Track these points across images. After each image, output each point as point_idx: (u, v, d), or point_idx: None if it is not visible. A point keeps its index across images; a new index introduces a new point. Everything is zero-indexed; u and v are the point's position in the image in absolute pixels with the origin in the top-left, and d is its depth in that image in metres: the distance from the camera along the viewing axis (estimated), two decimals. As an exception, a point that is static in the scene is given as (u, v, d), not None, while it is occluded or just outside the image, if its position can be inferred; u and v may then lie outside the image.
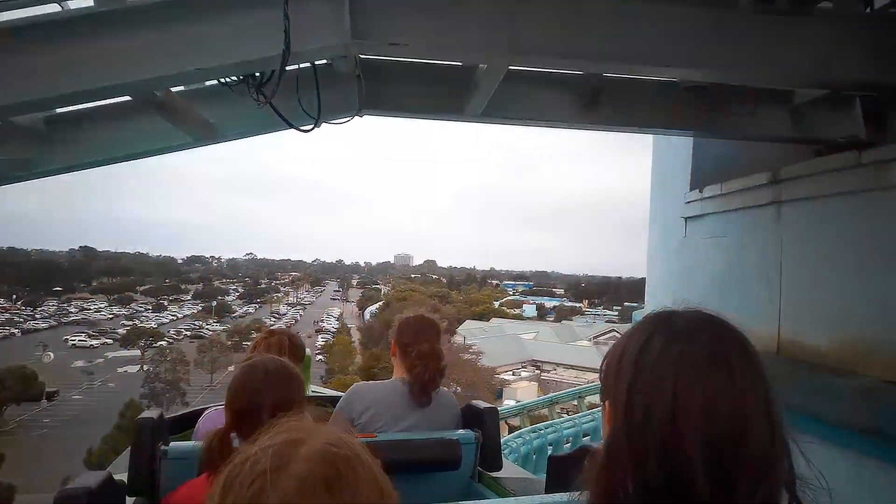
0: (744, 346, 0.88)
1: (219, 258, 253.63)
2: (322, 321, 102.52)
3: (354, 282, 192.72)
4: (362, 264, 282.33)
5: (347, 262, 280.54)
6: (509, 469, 2.84)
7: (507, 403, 48.37)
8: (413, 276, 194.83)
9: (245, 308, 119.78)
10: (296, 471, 0.70)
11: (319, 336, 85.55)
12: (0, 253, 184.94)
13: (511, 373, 56.63)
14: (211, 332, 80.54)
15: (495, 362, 54.40)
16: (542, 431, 12.36)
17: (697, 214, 4.33)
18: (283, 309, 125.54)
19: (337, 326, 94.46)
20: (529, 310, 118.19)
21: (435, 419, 2.58)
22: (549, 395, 18.37)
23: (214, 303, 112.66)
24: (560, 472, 1.86)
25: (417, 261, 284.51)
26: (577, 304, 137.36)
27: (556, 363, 61.58)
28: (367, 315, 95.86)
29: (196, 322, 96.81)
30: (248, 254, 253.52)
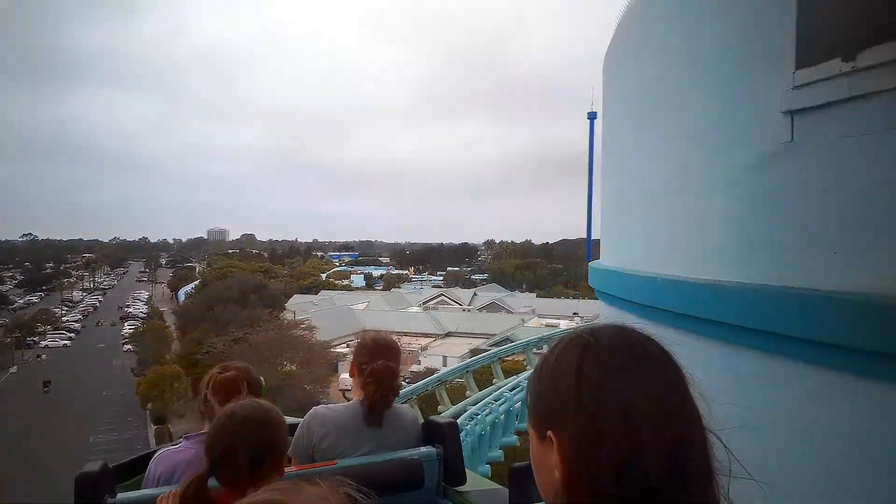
0: (668, 354, 0.92)
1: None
2: (128, 306, 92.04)
3: (163, 261, 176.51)
4: (171, 241, 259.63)
5: (153, 239, 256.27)
6: (474, 481, 2.73)
7: (343, 377, 48.00)
8: (230, 251, 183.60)
9: (27, 298, 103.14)
10: None
11: (126, 323, 76.71)
12: None
13: (346, 345, 55.97)
14: (-18, 329, 67.77)
15: (329, 336, 53.35)
16: (479, 417, 12.29)
17: (820, 104, 2.39)
18: (77, 295, 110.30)
19: (147, 311, 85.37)
20: (358, 280, 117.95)
21: (393, 439, 2.52)
22: (435, 376, 18.22)
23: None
24: (521, 482, 1.83)
25: (234, 235, 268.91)
26: (404, 272, 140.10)
27: (388, 331, 62.09)
28: (181, 296, 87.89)
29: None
30: (25, 234, 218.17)
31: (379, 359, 2.47)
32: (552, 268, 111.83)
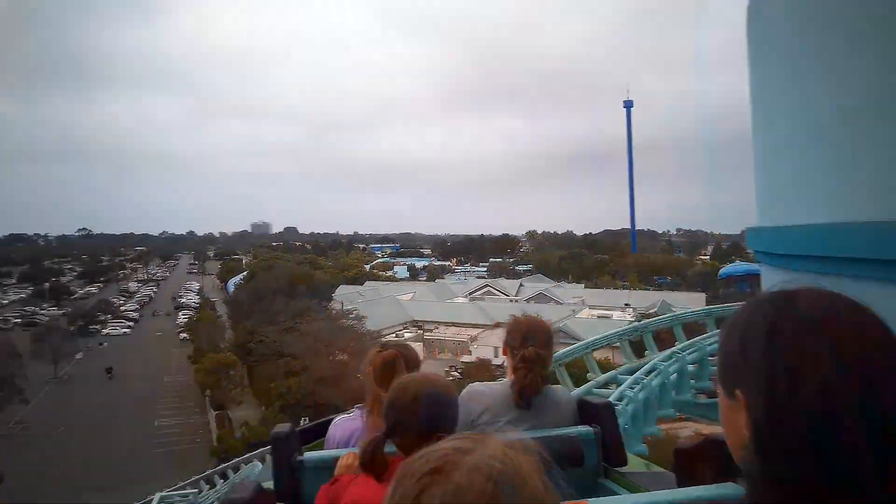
0: (867, 313, 0.85)
1: (45, 236, 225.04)
2: (181, 296, 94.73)
3: (211, 254, 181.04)
4: (217, 235, 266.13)
5: (199, 233, 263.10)
6: (634, 463, 2.73)
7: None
8: (274, 243, 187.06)
9: (86, 289, 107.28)
10: (456, 478, 0.72)
11: (180, 313, 78.98)
12: None
13: (394, 335, 56.25)
14: (47, 318, 70.77)
15: (377, 325, 53.70)
16: (631, 394, 11.91)
17: None
18: (133, 286, 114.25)
19: (198, 301, 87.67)
20: (401, 271, 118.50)
21: (548, 419, 2.51)
22: (584, 342, 17.42)
23: (47, 285, 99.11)
24: (687, 464, 1.74)
25: (277, 228, 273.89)
26: (446, 263, 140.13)
27: (436, 322, 62.22)
28: (230, 287, 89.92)
29: (27, 308, 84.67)
30: (81, 229, 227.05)
31: (530, 344, 2.48)
32: (597, 258, 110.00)
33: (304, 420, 36.91)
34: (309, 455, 2.34)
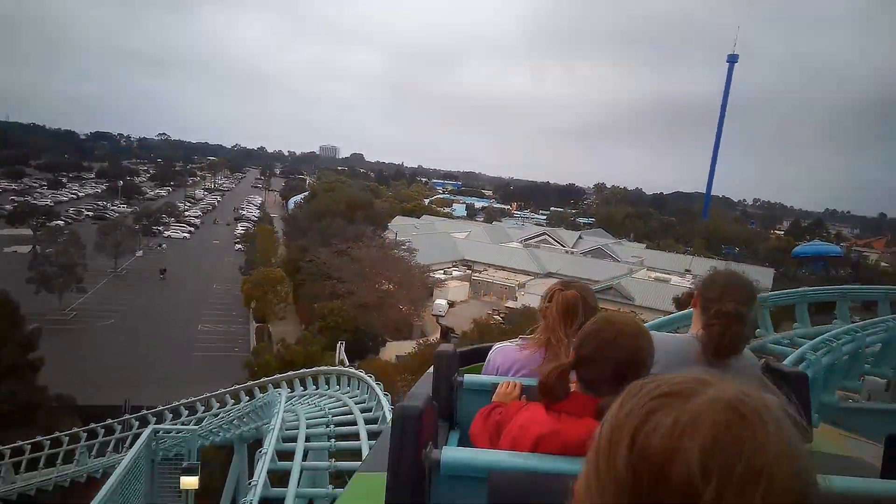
0: None
1: (128, 136, 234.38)
2: (242, 209, 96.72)
3: (277, 171, 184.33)
4: (286, 153, 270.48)
5: (270, 149, 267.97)
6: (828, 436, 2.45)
7: (438, 302, 47.19)
8: (339, 168, 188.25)
9: (157, 191, 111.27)
10: (695, 404, 0.69)
11: (239, 224, 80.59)
12: None
13: (443, 272, 55.18)
14: (117, 214, 73.53)
15: (428, 260, 52.61)
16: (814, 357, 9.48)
17: None
18: (199, 193, 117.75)
19: (258, 215, 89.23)
20: (459, 209, 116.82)
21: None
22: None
23: (122, 183, 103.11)
24: None
25: (344, 153, 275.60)
26: (506, 206, 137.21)
27: (487, 263, 60.68)
28: (291, 205, 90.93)
29: (99, 202, 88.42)
30: (160, 134, 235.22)
31: (729, 300, 2.24)
32: (665, 220, 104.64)
33: (341, 344, 36.84)
34: (469, 377, 2.39)
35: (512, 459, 1.75)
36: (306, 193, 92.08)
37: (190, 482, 9.74)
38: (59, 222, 62.74)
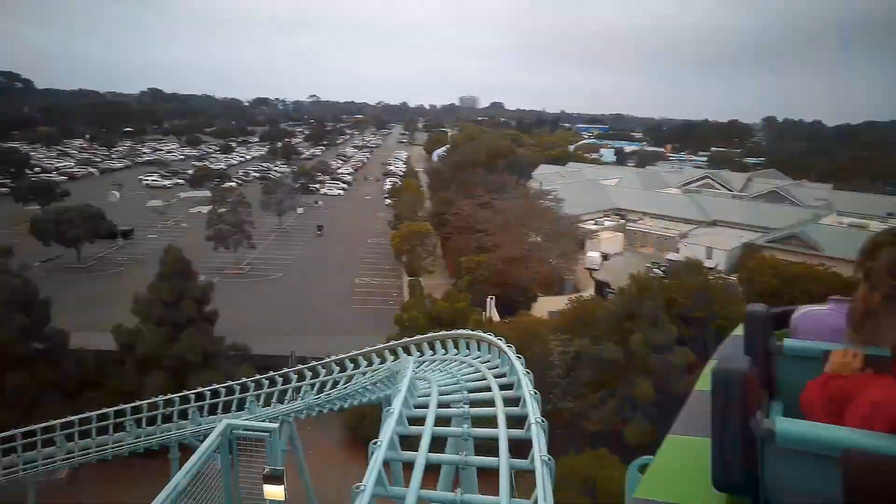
0: None
1: (283, 100, 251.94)
2: (390, 164, 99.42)
3: (420, 125, 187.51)
4: (427, 107, 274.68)
5: (412, 104, 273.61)
6: None
7: (591, 255, 44.63)
8: (479, 118, 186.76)
9: (311, 150, 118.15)
10: None
11: (387, 179, 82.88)
12: (70, 94, 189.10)
13: (594, 222, 52.15)
14: (278, 175, 78.95)
15: (577, 210, 49.90)
16: None
17: None
18: (349, 151, 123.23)
19: (405, 170, 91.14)
20: (608, 154, 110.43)
21: None
22: None
23: (280, 145, 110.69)
24: None
25: (483, 103, 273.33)
26: (660, 149, 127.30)
27: (642, 212, 56.40)
28: (434, 157, 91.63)
29: (263, 164, 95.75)
30: (311, 96, 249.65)
31: None
32: (854, 155, 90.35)
33: (491, 299, 36.21)
34: (790, 342, 2.14)
35: (869, 440, 1.48)
36: (448, 146, 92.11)
37: (275, 493, 8.45)
38: (231, 184, 68.78)
